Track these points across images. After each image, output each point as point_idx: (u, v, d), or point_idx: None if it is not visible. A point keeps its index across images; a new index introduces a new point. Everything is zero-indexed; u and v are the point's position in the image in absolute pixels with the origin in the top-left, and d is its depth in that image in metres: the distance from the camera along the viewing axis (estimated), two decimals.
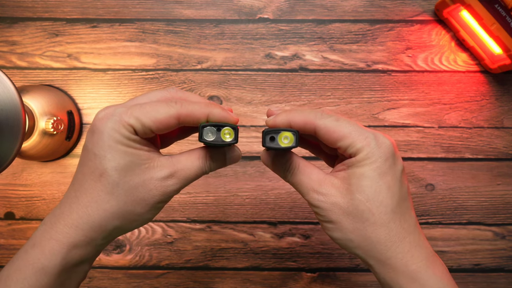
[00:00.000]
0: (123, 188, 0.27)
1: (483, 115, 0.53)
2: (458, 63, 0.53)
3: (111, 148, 0.26)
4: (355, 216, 0.28)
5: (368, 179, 0.28)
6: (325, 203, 0.29)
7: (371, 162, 0.28)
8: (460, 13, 0.50)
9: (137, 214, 0.28)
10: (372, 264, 0.28)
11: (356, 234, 0.28)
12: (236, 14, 0.53)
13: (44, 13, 0.54)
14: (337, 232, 0.29)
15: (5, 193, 0.53)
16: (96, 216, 0.27)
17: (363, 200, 0.28)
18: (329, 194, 0.29)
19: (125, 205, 0.27)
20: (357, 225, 0.28)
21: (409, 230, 0.28)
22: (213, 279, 0.53)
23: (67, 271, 0.27)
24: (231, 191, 0.53)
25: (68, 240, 0.27)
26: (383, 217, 0.28)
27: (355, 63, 0.53)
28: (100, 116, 0.27)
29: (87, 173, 0.27)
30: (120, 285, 0.53)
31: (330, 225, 0.29)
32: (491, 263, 0.52)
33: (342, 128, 0.28)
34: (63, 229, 0.27)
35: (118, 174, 0.27)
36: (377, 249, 0.28)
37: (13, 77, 0.53)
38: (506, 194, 0.52)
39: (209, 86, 0.53)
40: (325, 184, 0.29)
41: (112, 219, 0.27)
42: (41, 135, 0.47)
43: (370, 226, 0.28)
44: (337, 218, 0.28)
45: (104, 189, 0.27)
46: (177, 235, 0.53)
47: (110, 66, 0.53)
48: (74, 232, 0.27)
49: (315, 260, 0.52)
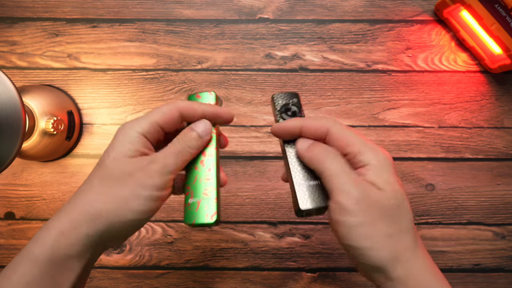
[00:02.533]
0: (113, 174, 0.29)
1: (483, 115, 0.53)
2: (458, 63, 0.53)
3: (118, 143, 0.30)
4: (390, 219, 0.28)
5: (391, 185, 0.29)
6: (365, 201, 0.28)
7: (386, 170, 0.29)
8: (460, 13, 0.50)
9: (121, 198, 0.28)
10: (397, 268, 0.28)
11: (387, 239, 0.28)
12: (236, 14, 0.53)
13: (44, 13, 0.54)
14: (367, 239, 0.28)
15: (5, 193, 0.53)
16: (84, 201, 0.29)
17: (395, 206, 0.29)
18: (369, 194, 0.29)
19: (110, 189, 0.29)
20: (389, 230, 0.28)
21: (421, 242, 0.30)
22: (213, 279, 0.53)
23: (56, 263, 0.28)
24: (231, 191, 0.53)
25: (57, 230, 0.28)
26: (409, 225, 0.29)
27: (355, 63, 0.53)
28: (121, 126, 0.31)
29: (93, 169, 0.31)
30: (120, 285, 0.53)
31: (361, 230, 0.28)
32: (491, 263, 0.52)
33: (351, 136, 0.30)
34: (57, 222, 0.29)
35: (111, 162, 0.29)
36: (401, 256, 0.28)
37: (13, 77, 0.53)
38: (506, 194, 0.52)
39: (209, 86, 0.53)
40: (362, 182, 0.30)
41: (98, 202, 0.28)
42: (41, 135, 0.47)
43: (401, 233, 0.28)
44: (372, 220, 0.28)
45: (98, 177, 0.30)
46: (177, 235, 0.53)
47: (110, 66, 0.53)
48: (63, 218, 0.28)
49: (315, 260, 0.52)
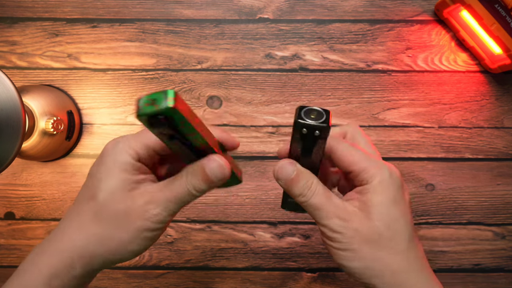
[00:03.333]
0: (107, 212, 0.26)
1: (483, 115, 0.53)
2: (458, 63, 0.53)
3: (109, 171, 0.27)
4: (376, 243, 0.27)
5: (385, 206, 0.27)
6: (348, 230, 0.27)
7: (386, 190, 0.28)
8: (460, 13, 0.50)
9: (117, 240, 0.27)
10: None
11: (377, 263, 0.27)
12: (236, 14, 0.53)
13: (44, 13, 0.54)
14: (355, 261, 0.27)
15: (5, 193, 0.53)
16: (78, 240, 0.27)
17: (383, 228, 0.27)
18: (351, 220, 0.27)
19: (105, 229, 0.26)
20: (378, 254, 0.27)
21: (423, 262, 0.28)
22: (213, 279, 0.53)
23: None
24: (231, 191, 0.53)
25: (49, 271, 0.26)
26: (403, 246, 0.27)
27: (355, 63, 0.53)
28: (108, 144, 0.28)
29: (81, 197, 0.28)
30: (120, 285, 0.53)
31: (349, 254, 0.27)
32: (491, 263, 0.52)
33: (356, 154, 0.28)
34: (47, 259, 0.27)
35: (105, 198, 0.26)
36: (398, 278, 0.27)
37: (13, 77, 0.53)
38: (506, 194, 0.52)
39: (209, 86, 0.53)
40: (346, 210, 0.28)
41: (91, 243, 0.27)
42: (41, 135, 0.47)
43: (392, 255, 0.27)
44: (359, 246, 0.27)
45: (90, 213, 0.27)
46: (177, 235, 0.53)
47: (110, 66, 0.53)
48: (55, 260, 0.26)
49: (315, 260, 0.52)
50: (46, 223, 0.53)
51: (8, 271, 0.52)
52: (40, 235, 0.53)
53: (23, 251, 0.53)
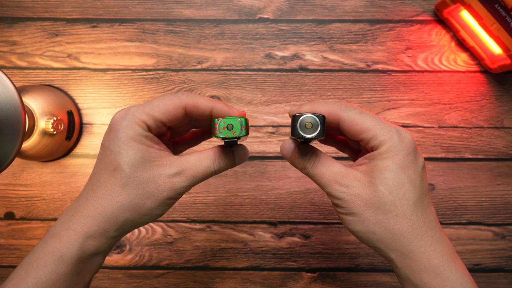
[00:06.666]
0: (134, 182, 0.28)
1: (483, 115, 0.53)
2: (458, 63, 0.53)
3: (125, 144, 0.28)
4: (378, 208, 0.28)
5: (391, 171, 0.28)
6: (348, 195, 0.28)
7: (394, 155, 0.28)
8: (460, 13, 0.50)
9: (147, 208, 0.29)
10: (394, 257, 0.28)
11: (378, 226, 0.28)
12: (236, 14, 0.53)
13: (44, 13, 0.54)
14: (358, 224, 0.29)
15: (5, 193, 0.53)
16: (109, 207, 0.28)
17: (386, 192, 0.28)
18: (352, 185, 0.28)
19: (136, 198, 0.28)
20: (380, 217, 0.28)
21: (431, 225, 0.28)
22: (213, 279, 0.53)
23: (83, 261, 0.29)
24: (231, 191, 0.53)
25: (83, 230, 0.28)
26: (405, 210, 0.28)
27: (355, 63, 0.53)
28: (116, 116, 0.29)
29: (102, 168, 0.29)
30: (120, 285, 0.53)
31: (352, 218, 0.29)
32: (491, 263, 0.52)
33: (365, 121, 0.29)
34: (79, 220, 0.28)
35: (130, 169, 0.28)
36: (400, 241, 0.28)
37: (13, 77, 0.53)
38: (506, 194, 0.52)
39: (209, 86, 0.53)
40: (347, 176, 0.29)
41: (123, 211, 0.29)
42: (41, 135, 0.47)
43: (393, 218, 0.28)
44: (360, 210, 0.28)
45: (117, 182, 0.28)
46: (177, 235, 0.53)
47: (110, 66, 0.53)
48: (89, 223, 0.28)
49: (315, 260, 0.52)
50: (46, 223, 0.53)
51: (8, 271, 0.52)
52: (40, 235, 0.53)
53: (23, 251, 0.53)
